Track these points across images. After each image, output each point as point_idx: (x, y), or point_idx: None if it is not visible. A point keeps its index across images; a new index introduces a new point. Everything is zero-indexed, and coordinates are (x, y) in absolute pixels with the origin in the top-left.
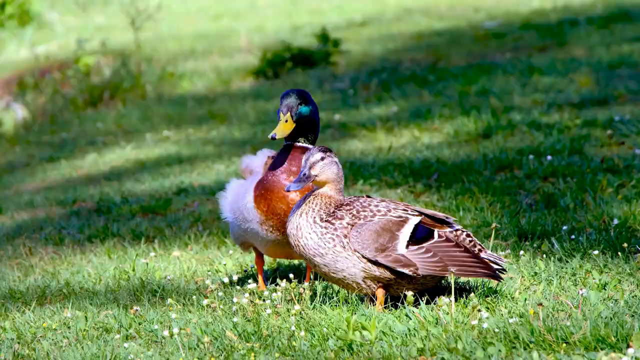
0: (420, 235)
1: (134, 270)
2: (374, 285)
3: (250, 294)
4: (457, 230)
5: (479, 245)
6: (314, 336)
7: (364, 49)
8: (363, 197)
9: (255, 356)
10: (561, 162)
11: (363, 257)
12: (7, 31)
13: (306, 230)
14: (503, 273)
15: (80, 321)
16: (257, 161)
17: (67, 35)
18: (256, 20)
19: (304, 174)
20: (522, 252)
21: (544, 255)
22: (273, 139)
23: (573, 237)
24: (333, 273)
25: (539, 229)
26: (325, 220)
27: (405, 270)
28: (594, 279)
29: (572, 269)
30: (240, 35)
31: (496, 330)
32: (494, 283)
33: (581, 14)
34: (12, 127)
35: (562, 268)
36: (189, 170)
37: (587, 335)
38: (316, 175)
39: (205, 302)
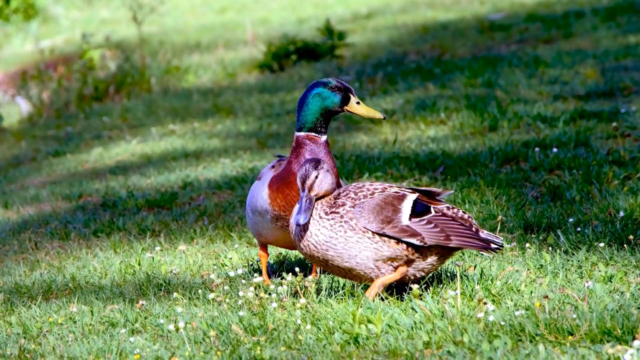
0: (419, 210)
1: (139, 264)
2: (386, 268)
3: (256, 287)
4: (453, 208)
5: (475, 224)
6: (320, 330)
7: (370, 41)
8: (353, 184)
9: (261, 350)
10: (567, 155)
11: (373, 234)
12: (12, 25)
13: (314, 227)
14: (500, 248)
15: (86, 316)
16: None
17: (72, 29)
18: (261, 13)
19: (307, 200)
20: (527, 245)
21: (550, 248)
22: (384, 118)
23: (579, 229)
24: (346, 262)
25: (545, 222)
26: (331, 213)
27: (413, 240)
28: (599, 271)
29: (578, 261)
30: (245, 28)
31: (502, 323)
32: (500, 276)
33: (587, 6)
34: (18, 121)
35: (568, 260)
36: (194, 164)
37: (593, 327)
38: (317, 194)
39: (211, 296)
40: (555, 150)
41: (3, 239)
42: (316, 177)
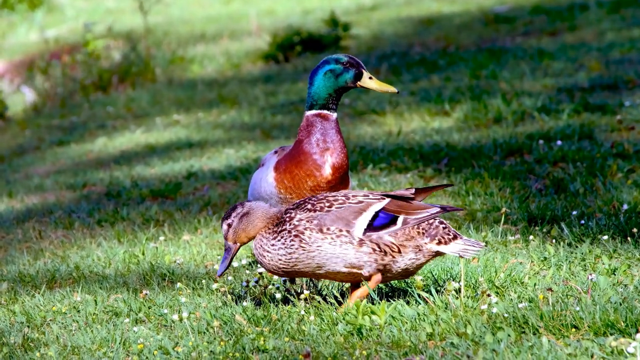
0: (380, 223)
1: (143, 254)
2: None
3: (259, 278)
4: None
5: (454, 231)
6: (324, 320)
7: (374, 33)
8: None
9: (264, 340)
10: (571, 147)
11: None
12: (17, 14)
13: (274, 256)
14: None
15: (89, 305)
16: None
17: (77, 18)
18: (266, 4)
19: (225, 249)
20: (531, 237)
21: (554, 240)
22: (398, 92)
23: (583, 222)
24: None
25: (549, 214)
26: (279, 232)
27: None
28: (603, 264)
29: (582, 254)
30: (250, 19)
31: (505, 315)
32: (504, 268)
33: None
34: (22, 110)
35: (572, 253)
36: (198, 154)
37: (596, 320)
38: (235, 242)
39: (214, 286)
40: (559, 142)
41: (7, 228)
42: (229, 225)
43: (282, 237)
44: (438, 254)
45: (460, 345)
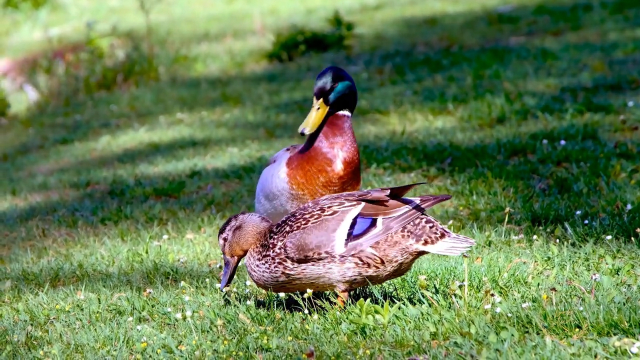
0: (358, 232)
1: (147, 252)
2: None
3: None
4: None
5: (442, 229)
6: (327, 320)
7: (378, 32)
8: (301, 208)
9: (268, 339)
10: (575, 147)
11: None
12: (21, 13)
13: (257, 276)
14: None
15: (93, 303)
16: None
17: (80, 17)
18: (270, 3)
19: (224, 264)
20: (535, 237)
21: (557, 240)
22: (303, 134)
23: (586, 222)
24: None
25: (552, 214)
26: (264, 256)
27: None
28: (607, 264)
29: (585, 254)
30: (254, 18)
31: (509, 314)
32: (507, 267)
33: None
34: (26, 109)
35: (575, 253)
36: (202, 153)
37: (599, 320)
38: (232, 255)
39: (218, 285)
40: (562, 142)
41: (11, 226)
42: (225, 239)
43: (266, 262)
44: (425, 252)
45: (463, 345)
